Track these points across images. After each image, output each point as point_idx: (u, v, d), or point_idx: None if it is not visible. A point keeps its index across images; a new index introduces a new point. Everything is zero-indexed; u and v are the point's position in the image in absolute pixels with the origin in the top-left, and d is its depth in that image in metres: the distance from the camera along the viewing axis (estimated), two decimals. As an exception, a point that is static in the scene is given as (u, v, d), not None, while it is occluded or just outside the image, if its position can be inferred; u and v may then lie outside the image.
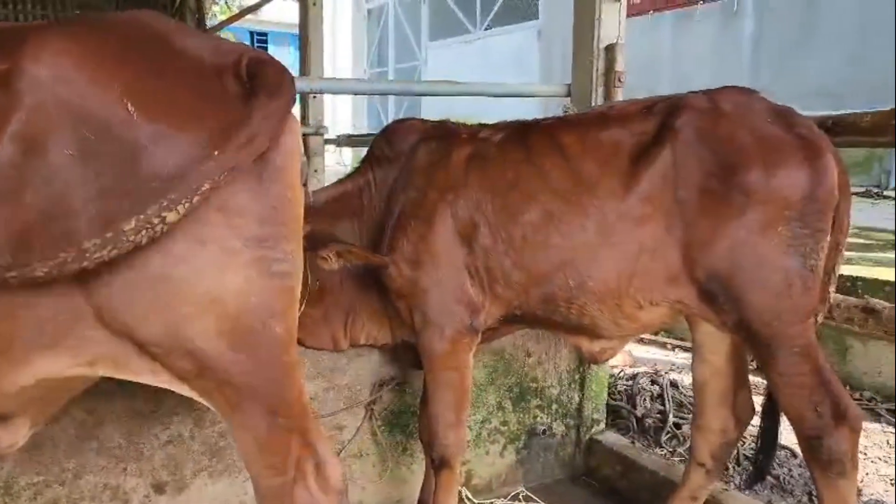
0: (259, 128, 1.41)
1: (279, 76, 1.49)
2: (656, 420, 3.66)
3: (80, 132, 1.33)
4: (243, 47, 1.58)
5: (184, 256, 1.40)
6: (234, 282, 1.45)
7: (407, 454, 2.93)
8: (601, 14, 3.15)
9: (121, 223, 1.29)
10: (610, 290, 2.25)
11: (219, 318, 1.45)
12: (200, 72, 1.47)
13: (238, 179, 1.42)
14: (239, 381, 1.51)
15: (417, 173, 2.42)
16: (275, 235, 1.48)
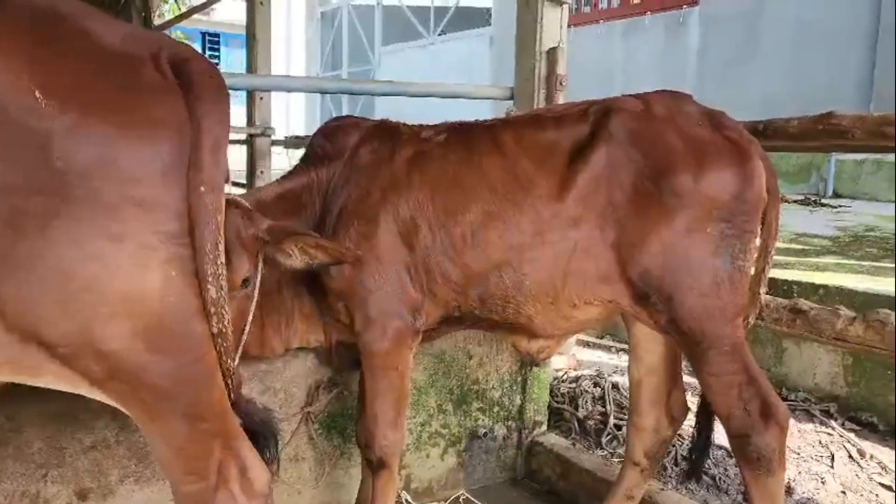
0: (219, 131, 1.37)
1: (211, 72, 1.45)
2: (597, 421, 3.69)
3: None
4: (162, 37, 1.53)
5: (97, 253, 1.34)
6: (151, 280, 1.39)
7: (344, 458, 2.88)
8: (543, 18, 3.17)
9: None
10: (545, 289, 2.26)
11: (135, 317, 1.39)
12: (118, 61, 1.41)
13: (156, 173, 1.38)
14: (156, 384, 1.46)
15: (359, 172, 2.39)
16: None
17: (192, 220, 1.41)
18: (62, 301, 1.34)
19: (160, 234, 1.39)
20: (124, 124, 1.36)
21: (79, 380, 1.45)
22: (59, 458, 2.26)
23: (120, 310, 1.38)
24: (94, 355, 1.40)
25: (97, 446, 2.32)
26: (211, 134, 1.42)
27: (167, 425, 1.51)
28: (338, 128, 2.54)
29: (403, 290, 2.32)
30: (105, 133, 1.34)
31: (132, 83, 1.40)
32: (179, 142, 1.40)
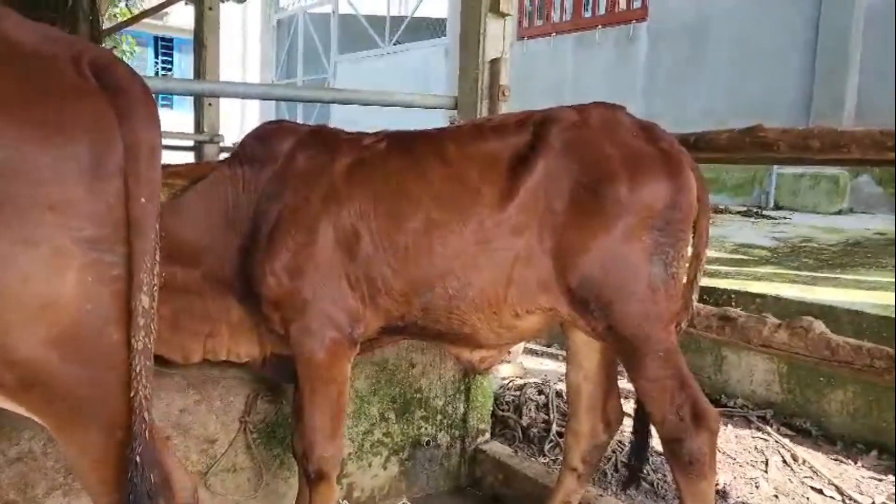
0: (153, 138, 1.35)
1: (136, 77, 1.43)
2: (541, 429, 3.71)
3: None
4: (81, 41, 1.51)
5: (8, 257, 1.30)
6: (66, 286, 1.36)
7: (284, 467, 2.85)
8: (486, 29, 3.20)
9: None
10: (488, 298, 2.27)
11: (49, 325, 1.36)
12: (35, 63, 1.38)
13: (72, 176, 1.35)
14: (72, 394, 1.42)
15: (296, 179, 2.34)
16: (111, 238, 1.41)
17: (130, 229, 1.40)
18: None
19: (77, 239, 1.36)
20: (39, 126, 1.33)
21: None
22: (-19, 471, 2.19)
23: (32, 317, 1.34)
24: (4, 364, 1.36)
25: (23, 458, 2.25)
26: (146, 142, 1.40)
27: (84, 437, 1.47)
28: (271, 131, 2.48)
29: (343, 300, 2.28)
30: (18, 135, 1.31)
31: (49, 85, 1.37)
32: (100, 145, 1.38)
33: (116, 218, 1.40)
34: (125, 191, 1.39)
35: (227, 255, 2.36)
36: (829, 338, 2.13)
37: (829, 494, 3.26)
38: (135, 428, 1.46)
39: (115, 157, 1.39)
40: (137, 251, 1.41)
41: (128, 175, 1.38)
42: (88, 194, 1.37)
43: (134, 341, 1.43)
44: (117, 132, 1.39)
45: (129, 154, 1.39)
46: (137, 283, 1.41)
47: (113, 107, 1.40)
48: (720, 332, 2.36)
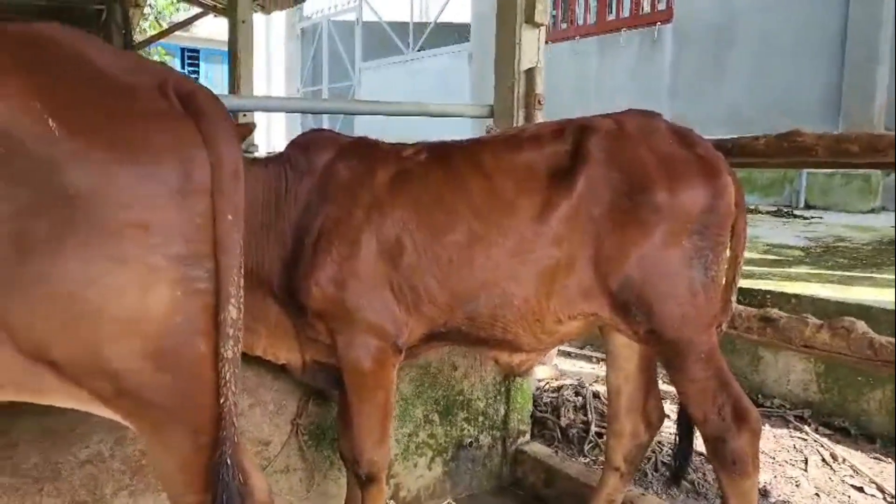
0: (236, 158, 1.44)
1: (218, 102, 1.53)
2: (579, 430, 3.77)
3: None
4: (166, 68, 1.61)
5: (102, 275, 1.39)
6: (157, 301, 1.45)
7: (335, 468, 2.95)
8: (521, 39, 3.28)
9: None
10: (531, 307, 2.33)
11: (141, 338, 1.45)
12: (122, 89, 1.48)
13: (161, 197, 1.44)
14: (163, 401, 1.51)
15: (339, 190, 2.39)
16: (197, 254, 1.49)
17: (217, 245, 1.49)
18: (68, 322, 1.40)
19: (167, 255, 1.45)
20: (129, 149, 1.43)
21: (87, 398, 1.51)
22: (55, 473, 2.30)
23: (126, 330, 1.44)
24: (101, 374, 1.46)
25: (92, 460, 2.37)
26: (230, 161, 1.49)
27: (172, 441, 1.56)
28: (314, 141, 2.53)
29: (387, 309, 2.34)
30: (111, 158, 1.40)
31: (138, 109, 1.47)
32: (187, 166, 1.47)
33: (203, 235, 1.49)
34: (211, 209, 1.49)
35: (266, 258, 2.41)
36: (872, 337, 2.17)
37: (870, 492, 3.28)
38: (225, 432, 1.55)
39: (201, 177, 1.48)
40: (224, 266, 1.50)
41: (214, 194, 1.48)
42: (177, 213, 1.46)
43: (223, 350, 1.52)
44: (203, 153, 1.48)
45: (215, 174, 1.48)
46: (225, 296, 1.51)
47: (197, 130, 1.49)
48: (761, 333, 2.41)
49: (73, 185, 1.36)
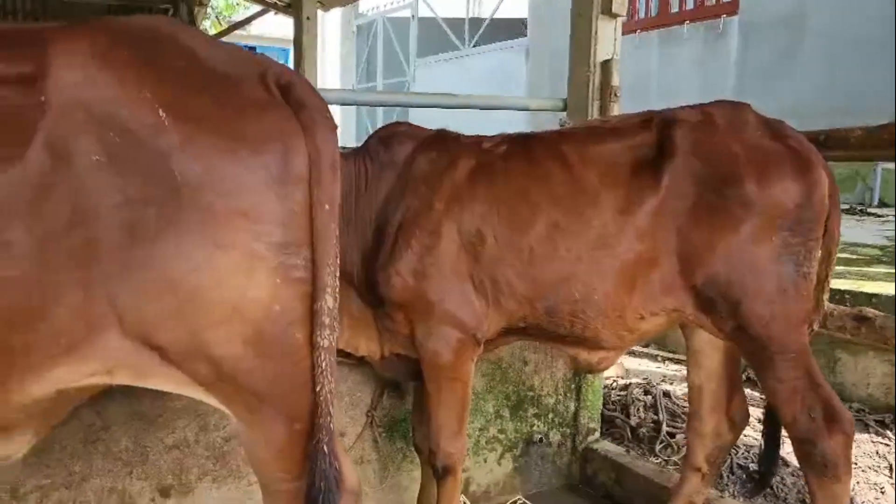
0: (334, 149, 1.45)
1: (316, 93, 1.54)
2: (650, 429, 3.71)
3: (107, 137, 1.35)
4: (265, 58, 1.63)
5: (207, 262, 1.42)
6: (258, 288, 1.46)
7: (407, 460, 2.96)
8: (597, 31, 3.23)
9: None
10: (612, 303, 2.29)
11: (243, 324, 1.46)
12: (225, 80, 1.50)
13: (262, 185, 1.46)
14: (260, 387, 1.53)
15: (419, 182, 2.40)
16: (295, 242, 1.50)
17: (314, 234, 1.50)
18: (174, 307, 1.42)
19: (267, 243, 1.47)
20: (233, 139, 1.44)
21: (187, 382, 1.53)
22: (144, 457, 2.36)
23: (227, 316, 1.46)
24: (203, 359, 1.48)
25: (178, 446, 2.42)
26: (328, 152, 1.50)
27: (267, 426, 1.58)
28: (394, 134, 2.54)
29: (467, 302, 2.34)
30: (215, 147, 1.42)
31: (240, 100, 1.49)
32: (287, 156, 1.48)
33: (301, 224, 1.50)
34: (309, 198, 1.50)
35: (346, 250, 2.40)
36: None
37: (960, 501, 3.14)
38: (321, 420, 1.55)
39: (300, 166, 1.49)
40: (321, 255, 1.50)
41: (311, 183, 1.49)
42: (277, 202, 1.47)
43: (319, 339, 1.53)
44: (302, 143, 1.49)
45: (313, 164, 1.49)
46: (322, 285, 1.51)
47: (297, 120, 1.50)
48: (855, 332, 2.32)
49: (181, 173, 1.39)
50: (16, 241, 1.29)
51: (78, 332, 1.38)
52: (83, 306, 1.37)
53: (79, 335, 1.39)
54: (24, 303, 1.32)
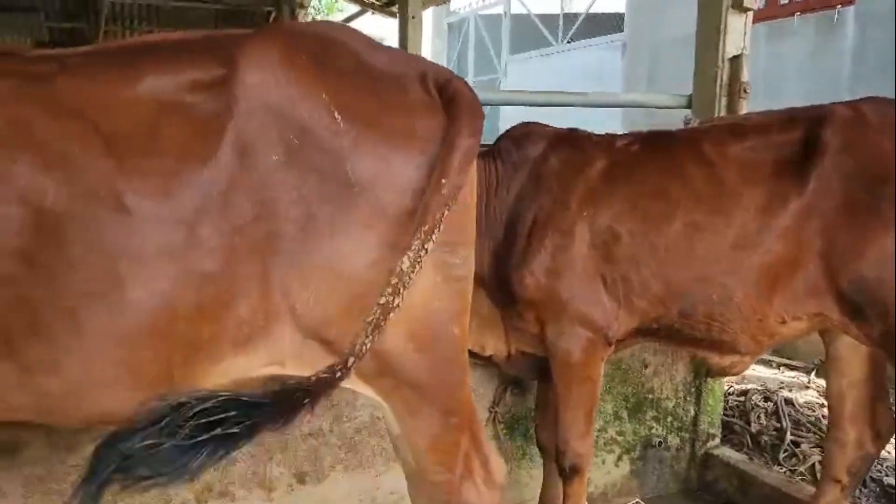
0: (470, 146, 1.48)
1: (470, 91, 1.56)
2: (772, 437, 3.58)
3: (287, 137, 1.42)
4: (423, 59, 1.66)
5: (378, 259, 1.47)
6: (421, 285, 1.50)
7: (527, 458, 2.97)
8: (727, 25, 3.14)
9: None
10: (752, 305, 2.22)
11: (408, 320, 1.51)
12: (390, 81, 1.55)
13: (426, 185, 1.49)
14: (419, 381, 1.58)
15: (551, 181, 2.40)
16: (454, 241, 1.54)
17: (422, 205, 1.48)
18: (346, 303, 1.48)
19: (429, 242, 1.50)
20: (401, 139, 1.49)
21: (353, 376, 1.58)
22: (283, 444, 2.47)
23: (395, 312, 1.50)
24: (368, 353, 1.53)
25: (314, 434, 2.51)
26: (461, 149, 1.49)
27: (424, 420, 1.62)
28: (525, 134, 2.55)
29: (599, 301, 2.33)
30: (384, 148, 1.47)
31: (405, 101, 1.53)
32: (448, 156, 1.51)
33: (460, 223, 1.54)
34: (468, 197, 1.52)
35: (476, 250, 2.44)
36: None
37: None
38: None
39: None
40: (419, 219, 1.48)
41: (438, 167, 1.48)
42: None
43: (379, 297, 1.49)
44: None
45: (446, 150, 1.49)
46: (406, 247, 1.51)
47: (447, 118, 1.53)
48: None
49: (353, 172, 1.44)
50: (208, 237, 1.37)
51: (257, 324, 1.46)
52: (262, 298, 1.45)
53: (258, 326, 1.46)
54: (213, 295, 1.40)
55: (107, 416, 1.45)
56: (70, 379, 1.38)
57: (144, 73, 1.42)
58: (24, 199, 1.30)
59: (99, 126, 1.35)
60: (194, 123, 1.39)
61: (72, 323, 1.34)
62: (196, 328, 1.41)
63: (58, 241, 1.31)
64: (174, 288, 1.37)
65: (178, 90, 1.41)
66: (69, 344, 1.35)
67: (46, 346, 1.34)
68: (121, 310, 1.35)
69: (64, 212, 1.31)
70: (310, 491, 2.51)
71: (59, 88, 1.38)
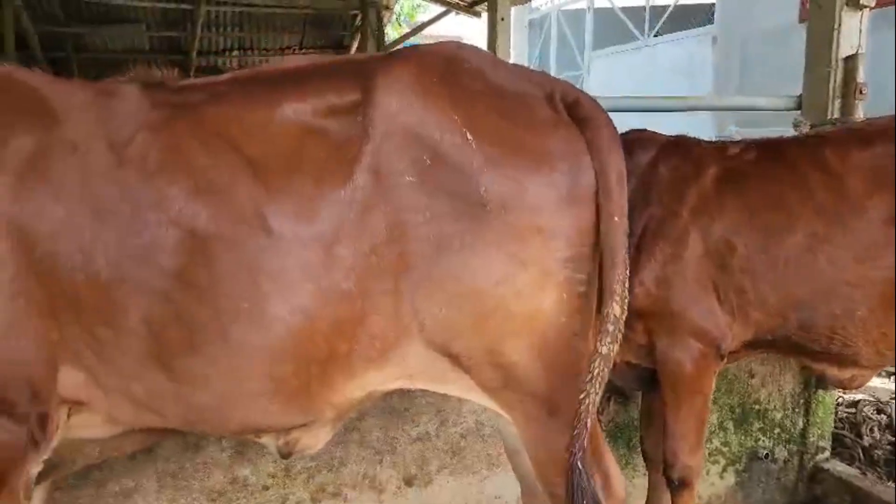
0: (621, 163, 1.51)
1: (600, 109, 1.57)
2: (886, 452, 3.43)
3: (421, 159, 1.47)
4: (548, 76, 1.68)
5: (506, 276, 1.50)
6: (548, 302, 1.53)
7: (629, 467, 2.94)
8: (840, 23, 3.01)
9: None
10: (878, 319, 2.14)
11: (533, 335, 1.54)
12: (519, 100, 1.57)
13: (554, 203, 1.51)
14: (543, 395, 1.59)
15: (662, 190, 2.37)
16: (581, 257, 1.55)
17: (604, 245, 1.53)
18: (474, 318, 1.52)
19: (556, 259, 1.52)
20: (529, 158, 1.51)
21: (472, 387, 1.62)
22: (392, 447, 2.53)
23: (521, 328, 1.53)
24: (493, 367, 1.56)
25: (421, 438, 2.57)
26: (615, 166, 1.53)
27: (546, 432, 1.64)
28: (635, 141, 2.50)
29: (711, 313, 2.28)
30: (514, 167, 1.50)
31: (533, 120, 1.55)
32: (576, 174, 1.53)
33: (586, 240, 1.55)
34: (596, 212, 1.53)
35: None
36: None
37: None
38: (576, 432, 1.56)
39: (587, 183, 1.53)
40: (610, 264, 1.54)
41: (601, 197, 1.52)
42: (566, 219, 1.53)
43: (600, 346, 1.57)
44: (588, 160, 1.53)
45: (601, 179, 1.53)
46: (610, 293, 1.55)
47: (583, 137, 1.54)
48: None
49: (485, 191, 1.47)
50: (345, 256, 1.43)
51: (389, 339, 1.51)
52: (393, 315, 1.50)
53: (389, 342, 1.51)
54: (348, 312, 1.46)
55: (252, 427, 1.54)
56: (219, 392, 1.47)
57: (284, 99, 1.49)
58: (179, 222, 1.39)
59: (244, 152, 1.44)
60: (332, 147, 1.46)
61: (221, 338, 1.42)
62: (332, 343, 1.47)
63: (208, 261, 1.40)
64: (313, 305, 1.44)
65: (315, 115, 1.48)
66: (218, 358, 1.43)
67: (198, 360, 1.43)
68: (265, 326, 1.43)
69: (214, 233, 1.40)
70: (417, 493, 2.57)
71: (208, 117, 1.47)
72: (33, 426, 1.41)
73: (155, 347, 1.42)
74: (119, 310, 1.40)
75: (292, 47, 11.44)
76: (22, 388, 1.38)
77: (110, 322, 1.40)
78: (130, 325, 1.40)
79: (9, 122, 1.44)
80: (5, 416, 1.38)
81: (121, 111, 1.47)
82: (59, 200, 1.39)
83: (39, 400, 1.41)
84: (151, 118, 1.46)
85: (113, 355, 1.42)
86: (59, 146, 1.42)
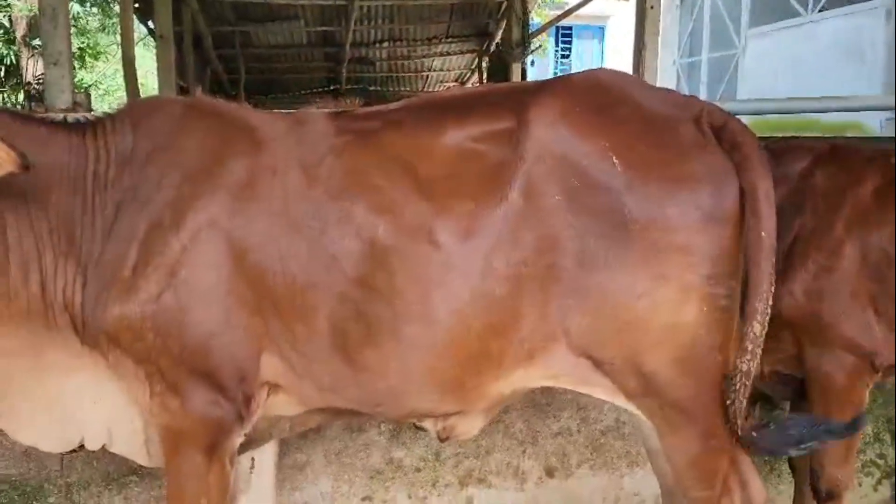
0: (768, 184, 1.58)
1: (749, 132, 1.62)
2: None
3: (569, 181, 1.59)
4: (696, 100, 1.74)
5: (648, 291, 1.60)
6: (687, 315, 1.61)
7: (774, 474, 2.92)
8: None
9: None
10: None
11: (674, 346, 1.63)
12: (664, 124, 1.65)
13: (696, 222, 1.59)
14: (682, 403, 1.68)
15: (816, 198, 2.32)
16: (722, 273, 1.62)
17: (749, 261, 1.61)
18: (615, 328, 1.63)
19: (698, 275, 1.60)
20: (674, 180, 1.59)
21: (615, 391, 1.73)
22: (534, 439, 2.68)
23: (661, 339, 1.63)
24: (634, 374, 1.66)
25: (562, 433, 2.69)
26: (763, 187, 1.58)
27: (684, 439, 1.72)
28: (787, 149, 2.48)
29: (866, 326, 2.23)
30: (658, 187, 1.59)
31: (678, 143, 1.63)
32: (718, 196, 1.60)
33: (729, 258, 1.61)
34: (742, 230, 1.59)
35: None
36: None
37: None
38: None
39: (731, 204, 1.60)
40: (756, 282, 1.61)
41: (748, 215, 1.59)
42: (708, 237, 1.60)
43: (740, 363, 1.64)
44: (735, 182, 1.60)
45: (749, 199, 1.59)
46: (752, 311, 1.62)
47: (731, 158, 1.60)
48: None
49: (629, 211, 1.57)
50: (499, 266, 1.59)
51: (536, 342, 1.66)
52: (541, 321, 1.64)
53: (536, 345, 1.66)
54: (501, 316, 1.62)
55: (417, 413, 1.75)
56: (392, 381, 1.68)
57: (448, 126, 1.67)
58: (361, 235, 1.61)
59: (415, 173, 1.62)
60: (489, 169, 1.61)
61: (394, 335, 1.63)
62: (486, 343, 1.64)
63: (385, 268, 1.61)
64: (471, 309, 1.61)
65: (475, 140, 1.64)
66: (392, 352, 1.64)
67: (376, 352, 1.65)
68: (430, 326, 1.62)
69: (390, 245, 1.61)
70: (558, 485, 2.70)
71: (384, 142, 1.67)
72: (240, 404, 1.67)
73: (340, 341, 1.64)
74: (310, 309, 1.63)
75: (439, 37, 11.74)
76: (234, 373, 1.65)
77: (303, 319, 1.64)
78: (319, 322, 1.64)
79: (227, 150, 1.70)
80: (221, 395, 1.65)
81: (311, 138, 1.71)
82: (263, 216, 1.64)
83: (246, 382, 1.67)
84: (336, 143, 1.69)
85: (305, 347, 1.66)
86: (263, 170, 1.67)
